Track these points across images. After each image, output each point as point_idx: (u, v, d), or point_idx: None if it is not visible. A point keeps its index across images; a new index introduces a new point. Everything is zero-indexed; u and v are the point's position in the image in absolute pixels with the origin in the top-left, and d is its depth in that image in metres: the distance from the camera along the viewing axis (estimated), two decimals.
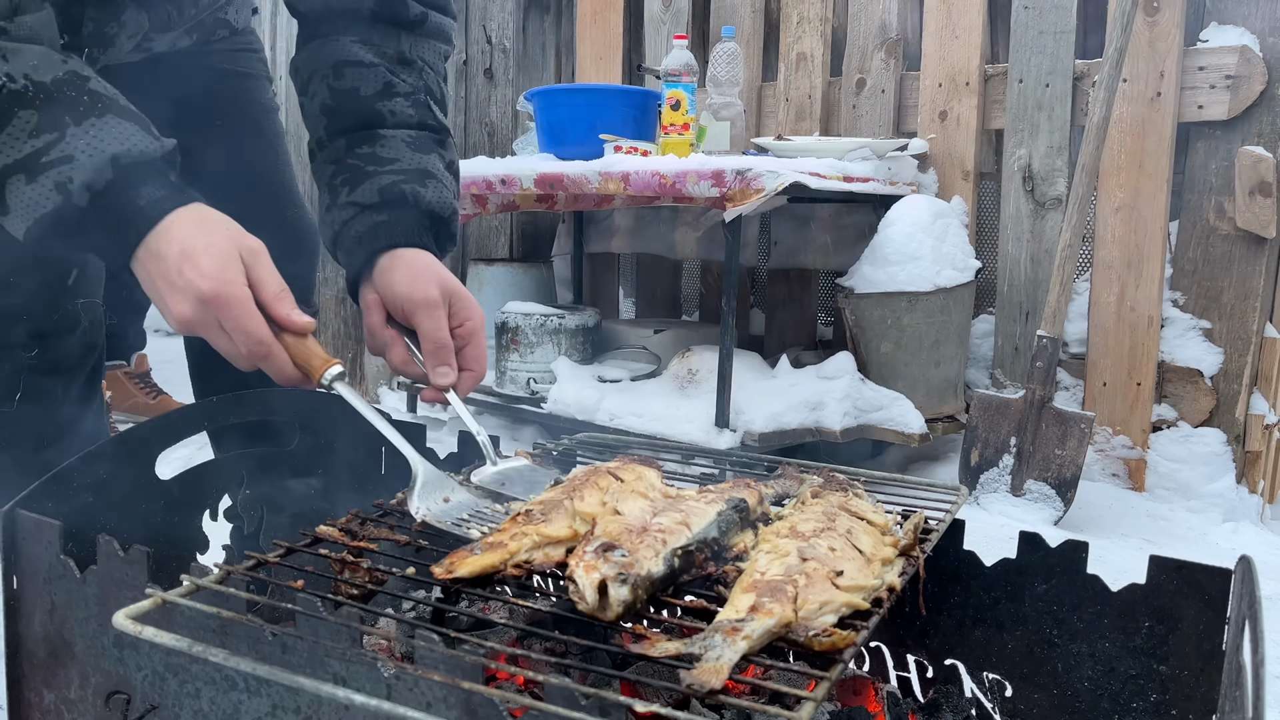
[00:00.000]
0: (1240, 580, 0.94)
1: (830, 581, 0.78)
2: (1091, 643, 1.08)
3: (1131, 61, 2.51)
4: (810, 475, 1.11)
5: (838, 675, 0.70)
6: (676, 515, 0.87)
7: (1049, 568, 1.09)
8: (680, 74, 2.78)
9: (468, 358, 1.13)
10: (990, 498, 2.45)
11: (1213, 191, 2.50)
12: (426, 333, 1.10)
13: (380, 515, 1.02)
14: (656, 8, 3.53)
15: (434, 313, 1.09)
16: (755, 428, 2.46)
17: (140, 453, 1.18)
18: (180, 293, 0.95)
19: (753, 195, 2.32)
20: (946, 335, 2.64)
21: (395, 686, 0.73)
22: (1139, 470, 2.61)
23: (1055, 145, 2.71)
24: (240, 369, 1.00)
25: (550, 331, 2.95)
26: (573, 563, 0.79)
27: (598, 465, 1.04)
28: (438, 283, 1.11)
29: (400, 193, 1.17)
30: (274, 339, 0.98)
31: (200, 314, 0.95)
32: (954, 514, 1.05)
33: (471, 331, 1.13)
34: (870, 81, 3.04)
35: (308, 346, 1.00)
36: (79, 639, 0.95)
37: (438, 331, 1.10)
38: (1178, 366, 2.57)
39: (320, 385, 1.01)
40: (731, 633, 0.70)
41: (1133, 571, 1.06)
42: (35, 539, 0.97)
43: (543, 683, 0.66)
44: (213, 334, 0.97)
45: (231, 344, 0.97)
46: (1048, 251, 2.72)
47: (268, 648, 0.78)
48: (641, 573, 0.77)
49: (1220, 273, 2.51)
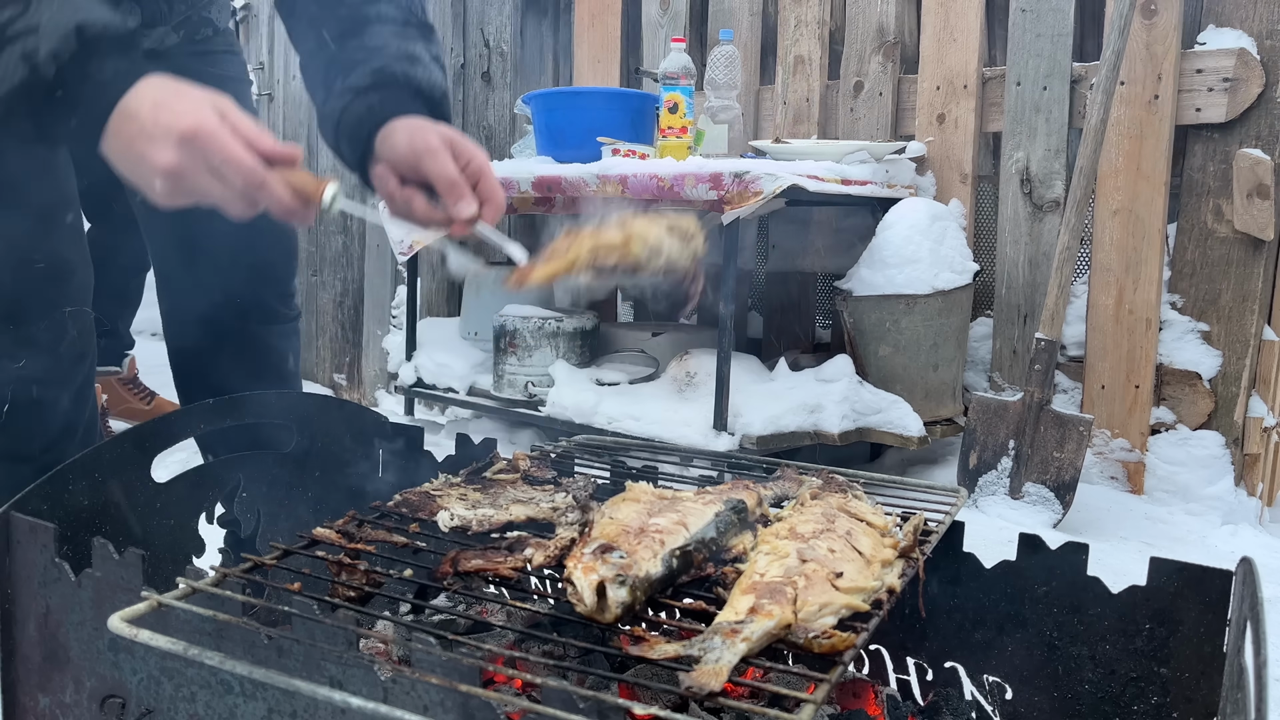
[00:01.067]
0: (1241, 582, 0.94)
1: (830, 583, 0.78)
2: (1092, 645, 1.08)
3: (1129, 64, 2.51)
4: (809, 477, 1.10)
5: (837, 678, 0.69)
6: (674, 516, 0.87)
7: (1049, 570, 1.09)
8: (678, 77, 2.78)
9: (484, 192, 1.17)
10: (989, 500, 2.45)
11: (1210, 194, 2.50)
12: (437, 175, 1.13)
13: (377, 517, 1.01)
14: (654, 11, 3.53)
15: (438, 156, 1.13)
16: (753, 430, 2.46)
17: (136, 456, 1.17)
18: (160, 140, 0.94)
19: (751, 198, 2.32)
20: (945, 338, 2.64)
21: (392, 689, 0.73)
22: (1138, 473, 2.60)
23: (1053, 148, 2.71)
24: (236, 215, 0.98)
25: (548, 335, 2.95)
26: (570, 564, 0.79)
27: None
28: (435, 132, 1.16)
29: (391, 74, 1.22)
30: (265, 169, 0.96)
31: (185, 157, 0.94)
32: (953, 516, 1.05)
33: (480, 169, 1.17)
34: (868, 85, 3.04)
35: (299, 176, 1.00)
36: (74, 643, 0.95)
37: (447, 170, 1.13)
38: (1176, 369, 2.57)
39: (323, 209, 1.00)
40: (731, 635, 0.70)
41: (1132, 574, 1.06)
42: (30, 542, 0.96)
43: (540, 685, 0.66)
44: (202, 179, 0.95)
45: (223, 185, 0.95)
46: (1046, 254, 2.72)
47: (264, 651, 0.78)
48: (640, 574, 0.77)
49: (1218, 275, 2.51)
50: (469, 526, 0.98)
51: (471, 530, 0.97)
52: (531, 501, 1.05)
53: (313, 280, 4.65)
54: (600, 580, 0.75)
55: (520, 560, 0.87)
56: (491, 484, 1.12)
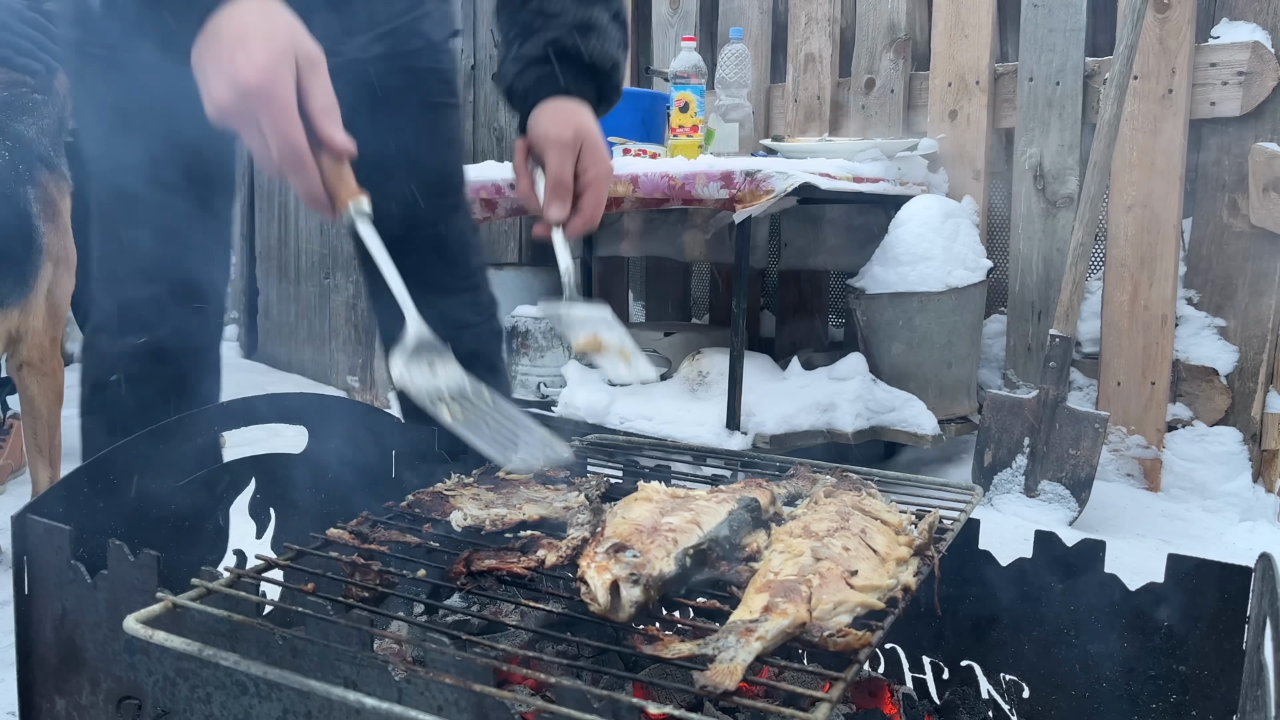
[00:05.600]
0: (1260, 579, 0.93)
1: (845, 581, 0.78)
2: (1109, 643, 1.07)
3: (1142, 58, 2.49)
4: (824, 475, 1.10)
5: (853, 676, 0.69)
6: (687, 515, 0.87)
7: (1066, 567, 1.08)
8: (688, 76, 2.78)
9: (584, 202, 1.18)
10: (1004, 498, 2.43)
11: (1226, 189, 2.48)
12: (550, 169, 1.16)
13: (391, 518, 1.01)
14: (664, 10, 3.53)
15: (561, 151, 1.16)
16: (766, 430, 2.45)
17: (151, 457, 1.17)
18: (226, 78, 0.90)
19: (762, 197, 2.31)
20: (958, 335, 2.62)
21: (406, 690, 0.73)
22: (1154, 470, 2.59)
23: (1066, 143, 2.69)
24: (268, 172, 0.96)
25: (560, 335, 2.95)
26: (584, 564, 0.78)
27: None
28: (574, 126, 1.17)
29: (563, 47, 1.22)
30: (310, 151, 0.93)
31: (239, 104, 0.91)
32: (969, 513, 1.04)
33: (595, 179, 1.18)
34: (879, 82, 3.03)
35: (340, 172, 0.96)
36: (90, 645, 0.95)
37: (561, 170, 1.15)
38: (1192, 365, 2.55)
39: (341, 217, 0.97)
40: (745, 633, 0.70)
41: (1149, 572, 1.05)
42: (46, 545, 0.97)
43: (555, 685, 0.65)
44: (247, 129, 0.92)
45: (264, 144, 0.92)
46: (1059, 250, 2.71)
47: (278, 651, 0.78)
48: (653, 573, 0.77)
49: (1234, 270, 2.49)
50: (482, 526, 0.97)
51: (485, 530, 0.97)
52: (544, 501, 1.04)
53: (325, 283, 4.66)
54: (614, 579, 0.75)
55: (533, 560, 0.87)
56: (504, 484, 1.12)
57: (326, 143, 0.94)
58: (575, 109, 1.20)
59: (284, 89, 0.91)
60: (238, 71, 0.90)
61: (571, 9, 1.25)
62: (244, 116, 0.91)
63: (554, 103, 1.21)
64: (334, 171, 0.95)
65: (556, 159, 1.16)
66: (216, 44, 0.92)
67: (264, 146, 0.92)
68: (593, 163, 1.18)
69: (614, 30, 1.28)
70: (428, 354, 0.96)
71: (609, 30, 1.27)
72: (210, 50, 0.92)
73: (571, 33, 1.23)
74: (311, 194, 0.95)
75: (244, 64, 0.90)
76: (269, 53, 0.90)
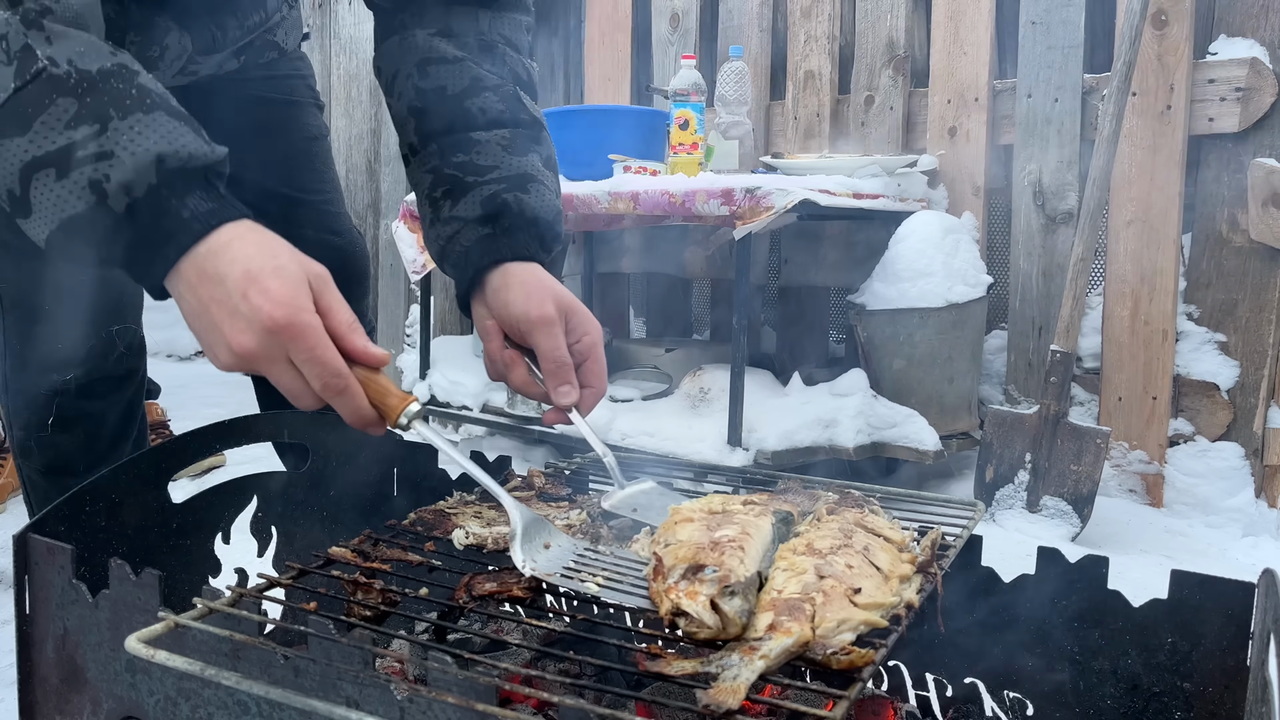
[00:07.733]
0: (1264, 594, 0.93)
1: (848, 599, 0.78)
2: (1114, 660, 1.06)
3: (1141, 75, 2.50)
4: (825, 492, 1.10)
5: (857, 694, 0.69)
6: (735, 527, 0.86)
7: (1069, 584, 1.08)
8: (688, 93, 2.79)
9: (588, 374, 1.09)
10: (1006, 514, 2.43)
11: (1225, 204, 2.49)
12: (545, 352, 1.06)
13: (393, 536, 1.01)
14: (664, 28, 3.55)
15: (551, 330, 1.05)
16: (768, 446, 2.45)
17: (152, 476, 1.18)
18: (244, 320, 0.84)
19: (762, 213, 2.32)
20: (959, 351, 2.63)
21: (408, 709, 0.72)
22: (1156, 485, 2.58)
23: (1065, 159, 2.70)
24: (302, 408, 0.89)
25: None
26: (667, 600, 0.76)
27: None
28: (553, 299, 1.07)
29: (503, 203, 1.12)
30: (350, 372, 0.87)
31: (266, 346, 0.84)
32: (971, 529, 1.04)
33: (590, 346, 1.09)
34: (878, 99, 3.04)
35: (380, 382, 0.90)
36: (91, 664, 0.95)
37: (556, 350, 1.06)
38: (1194, 380, 2.55)
39: (398, 426, 0.90)
40: (749, 652, 0.70)
41: (1153, 588, 1.05)
42: (48, 563, 0.96)
43: (557, 704, 0.65)
44: (276, 369, 0.86)
45: (298, 380, 0.86)
46: (1060, 266, 2.71)
47: (280, 671, 0.78)
48: (742, 578, 0.76)
49: (1235, 285, 2.49)
50: (484, 544, 0.97)
51: (487, 548, 0.97)
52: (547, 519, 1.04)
53: None
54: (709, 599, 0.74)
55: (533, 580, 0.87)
56: None
57: (361, 358, 0.88)
58: (538, 277, 1.09)
59: (311, 317, 0.85)
60: (258, 311, 0.83)
61: (506, 160, 1.14)
62: (271, 356, 0.85)
63: (513, 273, 1.09)
64: (374, 384, 0.89)
65: (548, 340, 1.05)
66: (222, 287, 0.85)
67: (299, 381, 0.87)
68: (584, 330, 1.08)
69: (550, 177, 1.18)
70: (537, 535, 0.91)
71: (546, 178, 1.17)
72: (215, 294, 0.85)
73: (511, 188, 1.12)
74: (360, 414, 0.89)
75: (263, 302, 0.83)
76: (286, 285, 0.84)
